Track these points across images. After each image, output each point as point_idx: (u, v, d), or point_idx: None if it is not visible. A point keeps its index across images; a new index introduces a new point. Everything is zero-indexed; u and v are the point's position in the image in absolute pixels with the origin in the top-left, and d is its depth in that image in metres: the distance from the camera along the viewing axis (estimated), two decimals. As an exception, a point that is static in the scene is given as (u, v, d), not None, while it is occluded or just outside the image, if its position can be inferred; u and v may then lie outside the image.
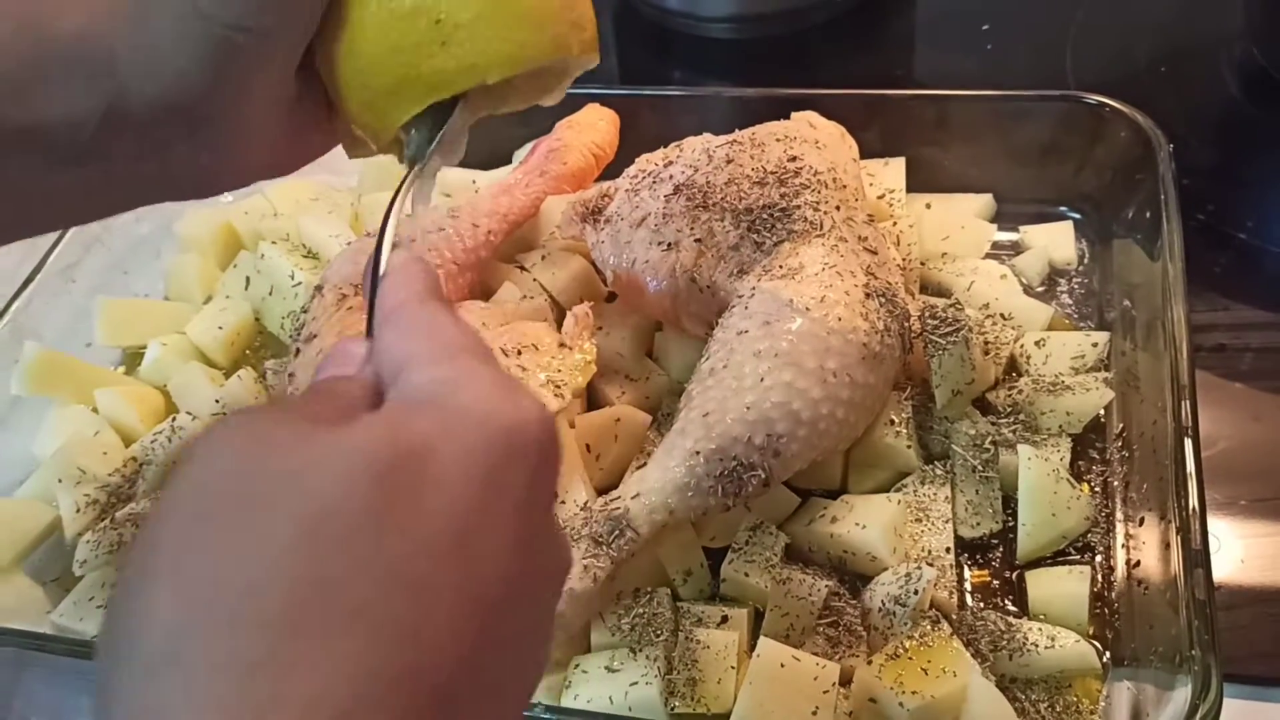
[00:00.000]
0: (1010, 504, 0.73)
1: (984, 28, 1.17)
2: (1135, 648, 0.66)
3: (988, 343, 0.80)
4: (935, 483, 0.74)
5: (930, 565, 0.69)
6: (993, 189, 0.94)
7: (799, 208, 0.76)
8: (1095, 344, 0.81)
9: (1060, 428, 0.76)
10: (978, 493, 0.74)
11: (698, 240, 0.77)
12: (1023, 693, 0.66)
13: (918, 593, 0.67)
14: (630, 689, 0.65)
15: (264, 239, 0.97)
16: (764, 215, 0.76)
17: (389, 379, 0.38)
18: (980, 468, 0.74)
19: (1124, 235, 0.87)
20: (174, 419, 0.85)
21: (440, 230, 0.86)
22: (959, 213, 0.93)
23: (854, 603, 0.70)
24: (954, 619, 0.68)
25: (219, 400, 0.86)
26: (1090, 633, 0.68)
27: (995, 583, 0.72)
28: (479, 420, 0.35)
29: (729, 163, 0.80)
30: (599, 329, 0.81)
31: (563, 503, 0.72)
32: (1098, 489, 0.75)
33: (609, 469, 0.78)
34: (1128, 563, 0.70)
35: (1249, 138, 1.02)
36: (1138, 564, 0.69)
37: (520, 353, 0.73)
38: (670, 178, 0.81)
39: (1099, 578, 0.70)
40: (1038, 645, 0.66)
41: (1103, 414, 0.78)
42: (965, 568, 0.73)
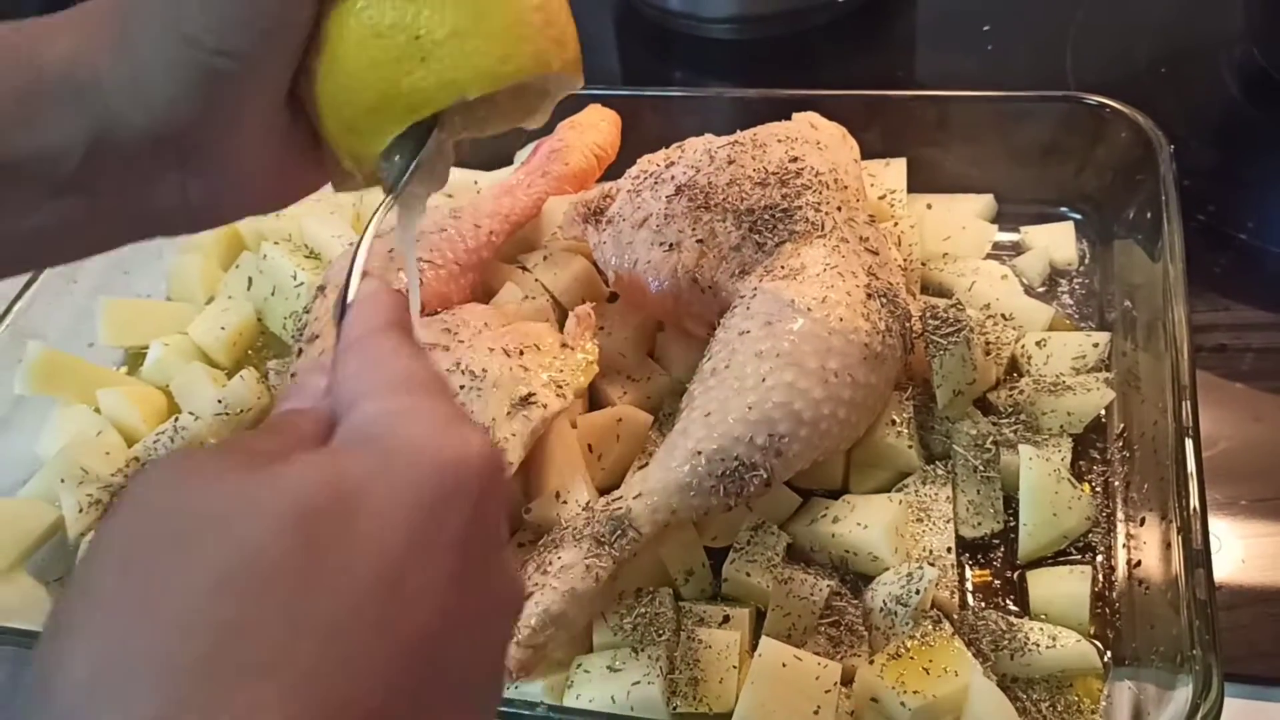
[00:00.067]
0: (1011, 504, 0.74)
1: (985, 29, 1.17)
2: (1136, 647, 0.66)
3: (989, 343, 0.80)
4: (936, 483, 0.74)
5: (932, 565, 0.69)
6: (994, 189, 0.95)
7: (800, 208, 0.76)
8: (1096, 344, 0.81)
9: (1061, 428, 0.76)
10: (979, 493, 0.74)
11: (699, 241, 0.77)
12: (1024, 692, 0.66)
13: (919, 592, 0.67)
14: (632, 688, 0.65)
15: (266, 239, 0.97)
16: (766, 216, 0.76)
17: (343, 412, 0.38)
18: (981, 468, 0.74)
19: (1125, 236, 0.87)
20: (176, 419, 0.86)
21: (442, 231, 0.86)
22: (960, 213, 0.93)
23: (855, 602, 0.70)
24: (955, 619, 0.68)
25: (221, 400, 0.86)
26: (1091, 632, 0.68)
27: (996, 582, 0.72)
28: (416, 458, 0.34)
29: (731, 163, 0.80)
30: (601, 329, 0.81)
31: (564, 503, 0.72)
32: (1099, 489, 0.75)
33: (611, 469, 0.78)
34: (1129, 562, 0.70)
35: (1249, 138, 1.02)
36: (1139, 564, 0.69)
37: (522, 353, 0.73)
38: (672, 178, 0.81)
39: (1100, 577, 0.71)
40: (1039, 645, 0.66)
41: (1104, 414, 0.78)
42: (966, 567, 0.73)
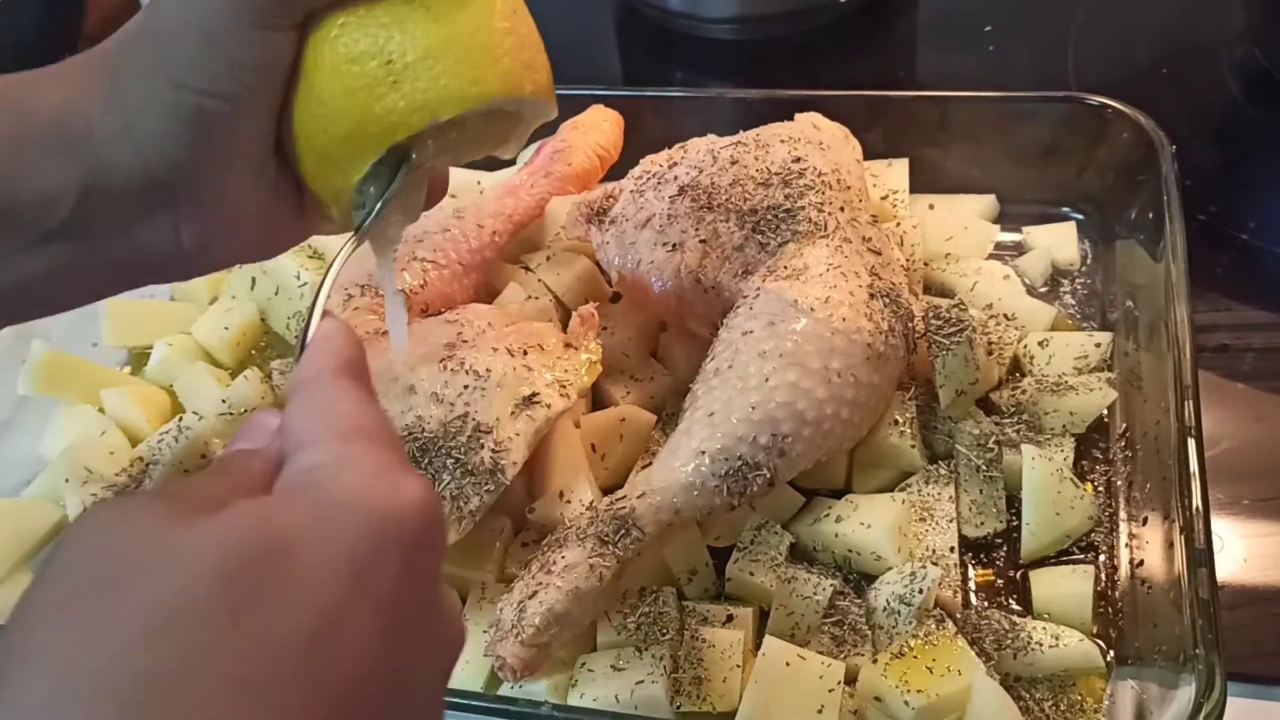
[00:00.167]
0: (1014, 503, 0.74)
1: (986, 29, 1.17)
2: (1139, 647, 0.66)
3: (991, 343, 0.80)
4: (939, 482, 0.74)
5: (935, 564, 0.69)
6: (995, 190, 0.95)
7: (803, 209, 0.77)
8: (1098, 344, 0.81)
9: (1064, 428, 0.77)
10: (982, 492, 0.74)
11: (702, 241, 0.77)
12: (1027, 691, 0.66)
13: (922, 592, 0.67)
14: (636, 687, 0.65)
15: (269, 239, 0.97)
16: (768, 216, 0.77)
17: (290, 454, 0.38)
18: (984, 467, 0.74)
19: (1126, 236, 0.87)
20: (180, 419, 0.86)
21: (445, 231, 0.86)
22: (962, 213, 0.93)
23: (859, 602, 0.70)
24: (958, 618, 0.68)
25: (225, 400, 0.86)
26: (1094, 632, 0.68)
27: (999, 582, 0.72)
28: (350, 509, 0.35)
29: (733, 164, 0.81)
30: (604, 329, 0.81)
31: (568, 502, 0.72)
32: (1101, 489, 0.75)
33: (614, 469, 0.78)
34: (1131, 562, 0.70)
35: (1250, 139, 1.02)
36: (1141, 563, 0.69)
37: (526, 353, 0.73)
38: (675, 179, 0.81)
39: (1103, 577, 0.71)
40: (1042, 644, 0.66)
41: (1106, 414, 0.78)
42: (969, 567, 0.73)
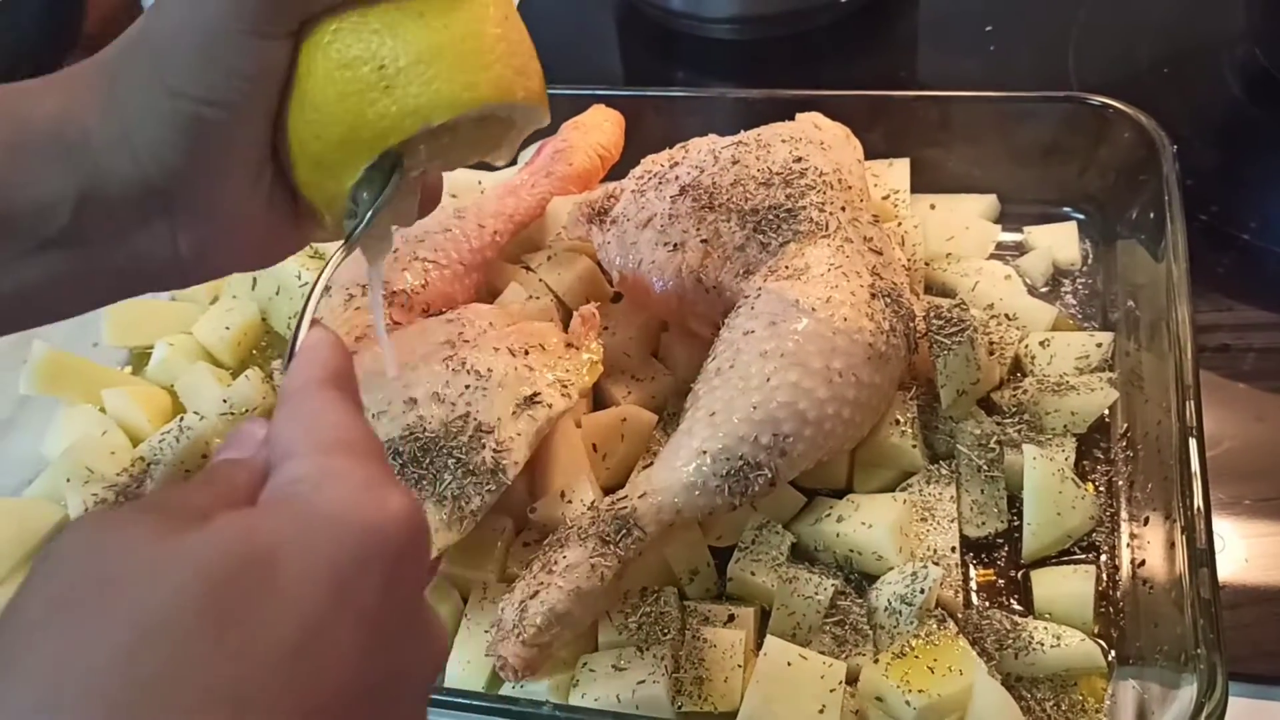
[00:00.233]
0: (1015, 503, 0.74)
1: (987, 29, 1.17)
2: (1140, 647, 0.66)
3: (992, 343, 0.80)
4: (940, 482, 0.74)
5: (936, 564, 0.69)
6: (997, 190, 0.95)
7: (805, 208, 0.77)
8: (1099, 344, 0.81)
9: (1065, 428, 0.77)
10: (983, 492, 0.74)
11: (704, 241, 0.77)
12: (1028, 691, 0.66)
13: (924, 592, 0.67)
14: (638, 687, 0.65)
15: (270, 239, 0.97)
16: (770, 216, 0.77)
17: (275, 465, 0.38)
18: (985, 467, 0.74)
19: (1128, 236, 0.87)
20: (181, 419, 0.86)
21: (446, 231, 0.86)
22: (963, 213, 0.93)
23: (860, 602, 0.70)
24: (960, 618, 0.68)
25: (226, 400, 0.86)
26: (1095, 632, 0.68)
27: (1000, 582, 0.72)
28: (332, 522, 0.35)
29: (735, 164, 0.81)
30: (605, 329, 0.81)
31: (569, 502, 0.72)
32: (1102, 489, 0.75)
33: (615, 469, 0.78)
34: (1132, 562, 0.70)
35: (1251, 138, 1.02)
36: (1142, 563, 0.69)
37: (528, 352, 0.73)
38: (676, 179, 0.81)
39: (1104, 577, 0.71)
40: (1043, 644, 0.66)
41: (1107, 414, 0.78)
42: (971, 567, 0.73)
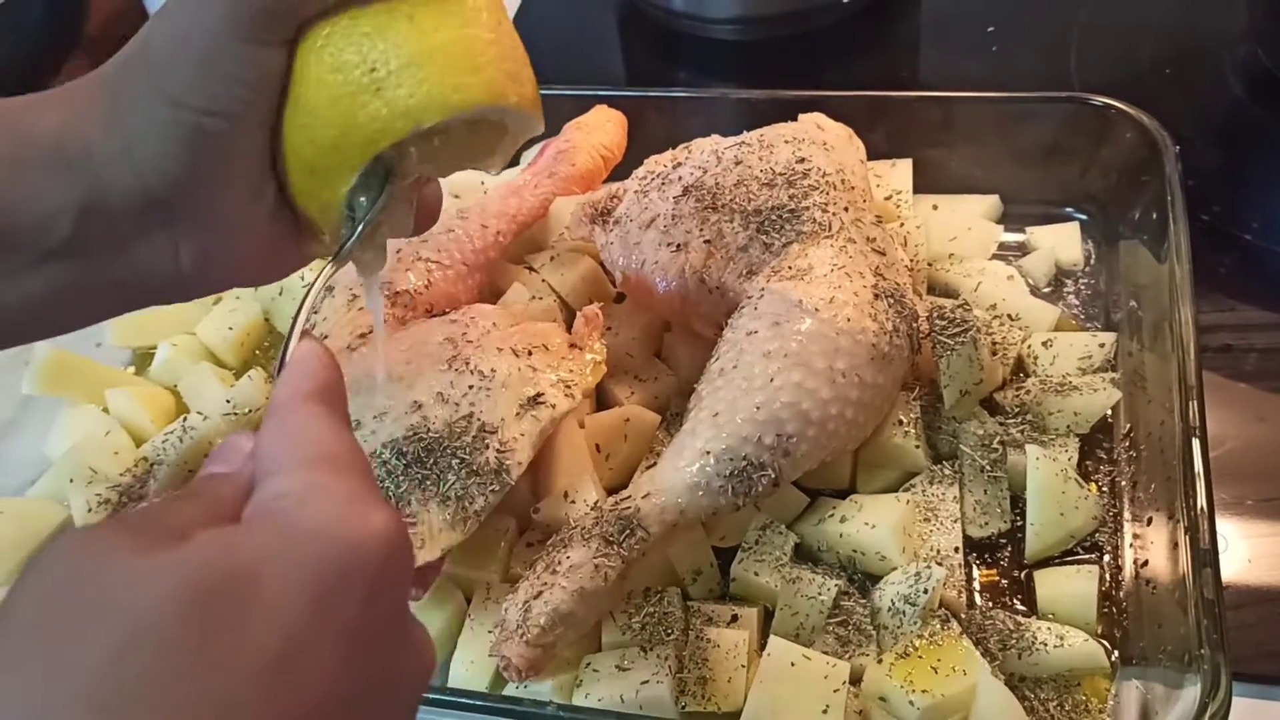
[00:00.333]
0: (1018, 504, 0.74)
1: (989, 30, 1.17)
2: (1144, 647, 0.66)
3: (995, 343, 0.80)
4: (944, 482, 0.74)
5: (939, 565, 0.69)
6: (999, 190, 0.95)
7: (808, 209, 0.77)
8: (1102, 344, 0.81)
9: (1068, 428, 0.77)
10: (986, 492, 0.74)
11: (707, 241, 0.77)
12: (1032, 691, 0.66)
13: (927, 592, 0.67)
14: (641, 687, 0.65)
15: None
16: (773, 216, 0.77)
17: (260, 479, 0.38)
18: (988, 468, 0.74)
19: (1130, 236, 0.87)
20: (185, 419, 0.86)
21: (449, 232, 0.86)
22: (965, 214, 0.93)
23: (863, 602, 0.70)
24: (963, 618, 0.68)
25: (229, 400, 0.86)
26: (1099, 632, 0.68)
27: (1004, 582, 0.72)
28: (314, 539, 0.35)
29: (738, 164, 0.81)
30: (608, 329, 0.81)
31: (573, 502, 0.72)
32: (1105, 489, 0.75)
33: (618, 469, 0.78)
34: (1136, 562, 0.71)
35: (1253, 139, 1.02)
36: (1146, 563, 0.69)
37: (531, 353, 0.73)
38: (679, 179, 0.81)
39: (1107, 577, 0.71)
40: (1046, 644, 0.66)
41: (1110, 414, 0.78)
42: (974, 567, 0.73)
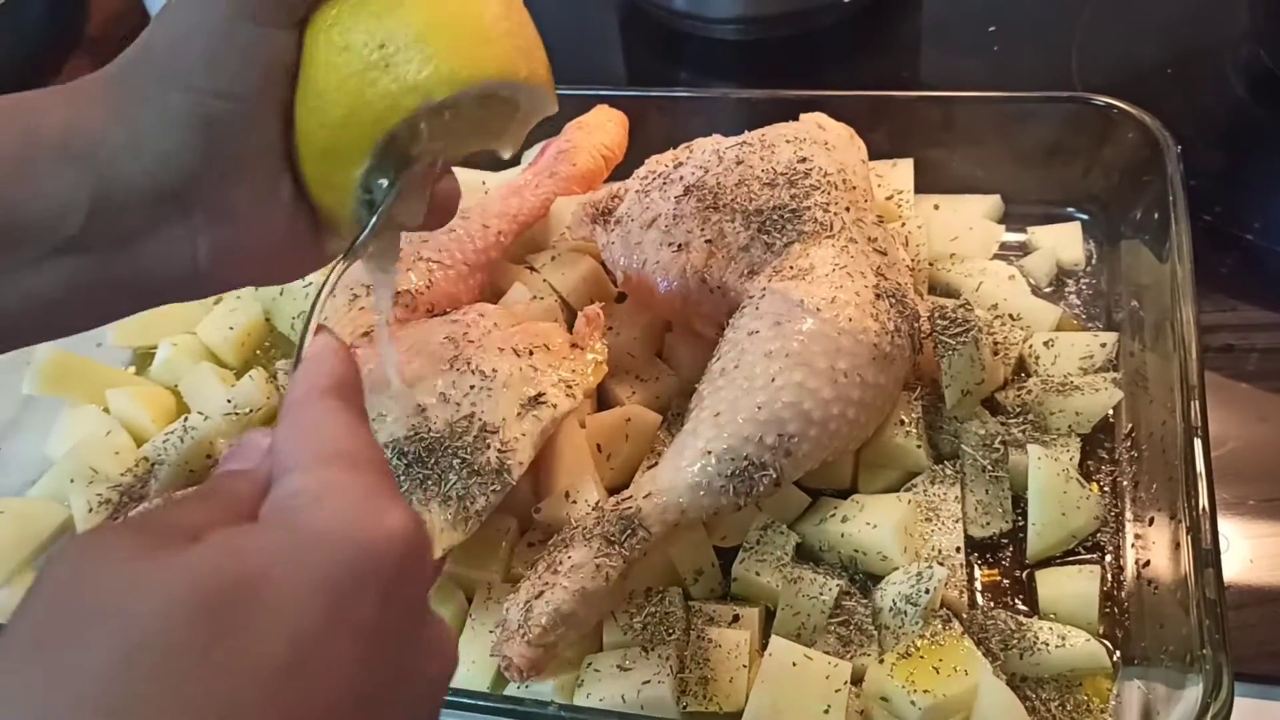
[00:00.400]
0: (1020, 504, 0.74)
1: (990, 30, 1.17)
2: (1145, 647, 0.66)
3: (997, 343, 0.80)
4: (945, 482, 0.74)
5: (941, 564, 0.69)
6: (1000, 190, 0.95)
7: (809, 209, 0.77)
8: (1104, 344, 0.81)
9: (1069, 428, 0.77)
10: (987, 492, 0.74)
11: (708, 241, 0.77)
12: (1033, 691, 0.66)
13: (929, 592, 0.67)
14: (643, 687, 0.65)
15: (274, 240, 0.97)
16: (774, 216, 0.77)
17: (277, 476, 0.38)
18: (990, 467, 0.74)
19: (1132, 236, 0.87)
20: (185, 419, 0.86)
21: (450, 231, 0.86)
22: (967, 214, 0.93)
23: (865, 602, 0.70)
24: (965, 618, 0.68)
25: (230, 400, 0.86)
26: (1100, 632, 0.68)
27: (1005, 582, 0.72)
28: (328, 540, 0.34)
29: (739, 164, 0.81)
30: (609, 329, 0.81)
31: (574, 502, 0.72)
32: (1107, 489, 0.75)
33: (620, 469, 0.78)
34: (1137, 562, 0.70)
35: (1255, 139, 1.02)
36: (1147, 563, 0.69)
37: (532, 353, 0.73)
38: (680, 179, 0.81)
39: (1109, 577, 0.71)
40: (1048, 644, 0.66)
41: (1111, 414, 0.78)
42: (975, 567, 0.73)
